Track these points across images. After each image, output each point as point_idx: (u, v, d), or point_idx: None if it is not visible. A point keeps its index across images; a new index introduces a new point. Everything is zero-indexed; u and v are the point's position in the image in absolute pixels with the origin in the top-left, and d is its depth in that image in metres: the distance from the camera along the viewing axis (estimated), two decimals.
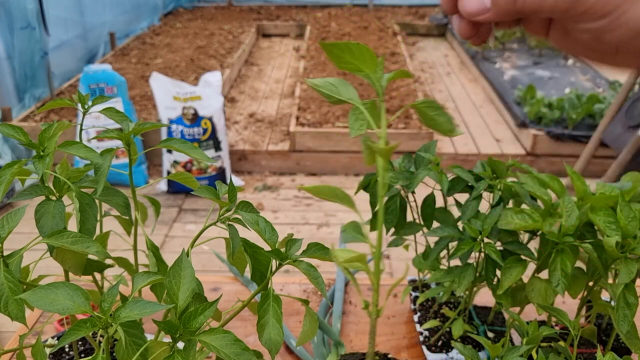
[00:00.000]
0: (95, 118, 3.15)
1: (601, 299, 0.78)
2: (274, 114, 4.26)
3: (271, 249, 0.61)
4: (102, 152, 0.63)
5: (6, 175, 0.59)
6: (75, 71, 4.53)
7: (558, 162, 3.63)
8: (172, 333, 0.52)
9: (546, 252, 0.71)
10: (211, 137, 3.25)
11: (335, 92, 0.35)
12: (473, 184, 0.78)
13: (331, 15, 6.84)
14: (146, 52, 5.33)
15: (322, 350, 0.91)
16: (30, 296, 0.50)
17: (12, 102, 3.75)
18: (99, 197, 0.63)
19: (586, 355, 0.84)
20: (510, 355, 0.68)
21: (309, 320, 0.63)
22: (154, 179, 3.47)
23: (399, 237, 0.85)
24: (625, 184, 0.75)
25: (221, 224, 0.65)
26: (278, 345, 0.57)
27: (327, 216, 3.14)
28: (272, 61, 5.68)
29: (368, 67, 0.34)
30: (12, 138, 0.63)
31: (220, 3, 7.44)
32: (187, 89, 3.20)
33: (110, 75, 3.25)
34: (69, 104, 0.70)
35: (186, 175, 0.71)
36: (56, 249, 0.60)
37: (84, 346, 0.85)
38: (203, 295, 0.62)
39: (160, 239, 2.91)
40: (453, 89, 4.95)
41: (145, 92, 4.24)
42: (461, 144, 3.83)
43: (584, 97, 3.92)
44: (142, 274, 0.57)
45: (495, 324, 0.90)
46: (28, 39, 3.69)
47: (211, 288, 1.08)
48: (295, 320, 1.00)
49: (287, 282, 1.11)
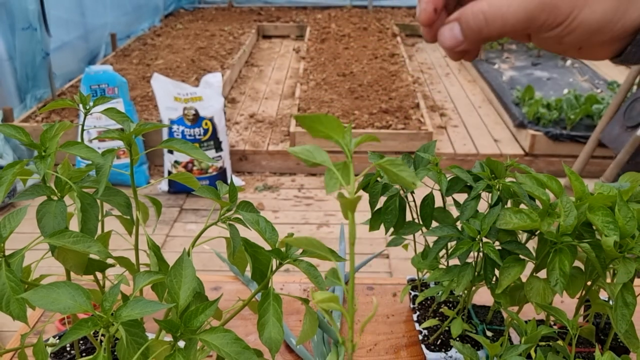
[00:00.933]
0: (97, 118, 3.16)
1: (599, 298, 0.78)
2: (274, 115, 4.26)
3: (271, 249, 0.61)
4: (104, 152, 0.64)
5: (8, 176, 0.59)
6: (77, 72, 4.53)
7: (556, 162, 3.64)
8: (173, 332, 0.53)
9: (544, 251, 0.71)
10: (212, 138, 3.26)
11: (311, 156, 0.41)
12: (472, 184, 0.78)
13: (331, 16, 6.84)
14: (147, 53, 5.33)
15: (322, 349, 0.91)
16: (32, 295, 0.51)
17: (14, 103, 3.75)
18: (101, 197, 0.63)
19: (584, 354, 0.84)
20: (508, 354, 0.69)
21: (309, 319, 0.64)
22: (155, 179, 3.48)
23: (398, 236, 0.86)
24: (623, 184, 0.75)
25: (222, 223, 0.65)
26: (278, 344, 0.57)
27: (327, 216, 3.14)
28: (272, 62, 5.68)
29: (337, 134, 0.40)
30: (14, 138, 0.63)
31: (221, 4, 7.45)
32: (188, 89, 3.21)
33: (111, 76, 3.26)
34: (70, 105, 0.70)
35: (187, 176, 0.72)
36: (58, 249, 0.60)
37: (85, 345, 0.86)
38: (204, 294, 0.63)
39: (161, 239, 2.91)
40: (452, 90, 4.96)
41: (147, 93, 4.25)
42: (460, 144, 3.83)
43: (582, 97, 3.92)
44: (143, 273, 0.58)
45: (494, 323, 0.91)
46: (29, 40, 3.70)
47: (212, 287, 1.08)
48: (296, 319, 1.00)
49: (288, 281, 1.12)
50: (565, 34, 0.42)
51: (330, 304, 0.40)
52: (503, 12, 0.42)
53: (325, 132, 0.40)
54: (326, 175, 0.41)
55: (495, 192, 0.76)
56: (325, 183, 0.41)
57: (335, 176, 0.39)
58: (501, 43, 5.54)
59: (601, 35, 0.43)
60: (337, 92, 4.40)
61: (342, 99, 4.27)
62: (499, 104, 4.34)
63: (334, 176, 0.40)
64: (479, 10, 0.44)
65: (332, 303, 0.40)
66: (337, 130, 0.40)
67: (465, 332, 0.87)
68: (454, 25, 0.46)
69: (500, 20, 0.43)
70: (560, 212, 0.68)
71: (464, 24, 0.45)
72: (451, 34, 0.46)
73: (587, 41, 0.43)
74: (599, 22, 0.42)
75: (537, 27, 0.42)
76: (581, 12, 0.41)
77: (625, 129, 2.97)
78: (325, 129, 0.39)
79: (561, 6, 0.41)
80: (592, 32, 0.42)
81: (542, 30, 0.43)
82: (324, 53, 5.44)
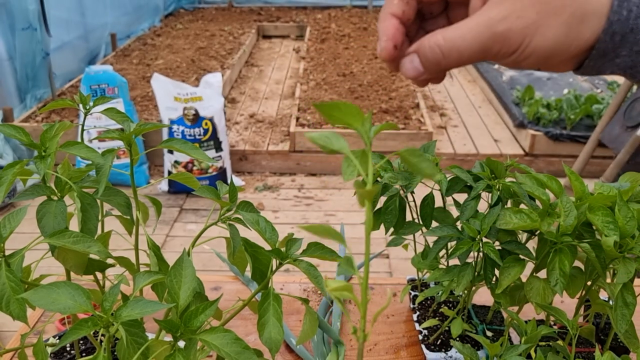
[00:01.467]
0: (97, 118, 3.16)
1: (599, 298, 0.78)
2: (274, 115, 4.26)
3: (271, 249, 0.61)
4: (104, 152, 0.64)
5: (8, 176, 0.59)
6: (77, 72, 4.54)
7: (556, 162, 3.64)
8: (173, 332, 0.53)
9: (544, 251, 0.71)
10: (212, 138, 3.26)
11: (329, 143, 0.40)
12: (472, 184, 0.78)
13: (331, 16, 6.84)
14: (147, 53, 5.33)
15: (322, 349, 0.91)
16: (32, 295, 0.51)
17: (14, 103, 3.75)
18: (101, 197, 0.63)
19: (584, 354, 0.84)
20: (508, 354, 0.69)
21: (309, 319, 0.64)
22: (155, 179, 3.48)
23: (398, 236, 0.86)
24: (623, 184, 0.75)
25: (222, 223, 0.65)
26: (278, 344, 0.57)
27: (327, 216, 3.14)
28: (272, 62, 5.68)
29: (356, 122, 0.39)
30: (14, 138, 0.63)
31: (221, 4, 7.45)
32: (188, 89, 3.21)
33: (111, 76, 3.26)
34: (70, 105, 0.70)
35: (187, 176, 0.72)
36: (58, 249, 0.60)
37: (85, 345, 0.86)
38: (204, 294, 0.63)
39: (161, 239, 2.91)
40: (452, 90, 4.96)
41: (147, 93, 4.25)
42: (460, 144, 3.83)
43: (582, 97, 3.92)
44: (143, 273, 0.58)
45: (493, 323, 0.91)
46: (29, 40, 3.70)
47: (212, 287, 1.08)
48: (296, 319, 1.00)
49: (288, 281, 1.12)
50: (521, 59, 0.44)
51: (344, 293, 0.39)
52: (458, 45, 0.44)
53: (344, 120, 0.39)
54: (344, 162, 0.40)
55: (495, 192, 0.76)
56: (342, 170, 0.40)
57: (353, 164, 0.39)
58: None
59: (557, 57, 0.44)
60: (337, 92, 4.40)
61: (342, 99, 4.27)
62: (499, 104, 4.34)
63: (351, 164, 0.39)
64: (435, 44, 0.45)
65: (346, 292, 0.39)
66: (356, 118, 0.39)
67: (465, 332, 0.87)
68: (414, 57, 0.47)
69: (456, 53, 0.44)
70: (560, 212, 0.68)
71: (422, 57, 0.46)
72: (412, 65, 0.47)
73: (544, 64, 0.45)
74: (552, 47, 0.43)
75: (493, 55, 0.44)
76: (532, 40, 0.43)
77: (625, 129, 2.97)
78: (344, 116, 0.38)
79: (512, 37, 0.43)
80: (547, 57, 0.44)
81: (498, 58, 0.44)
82: (324, 53, 5.44)
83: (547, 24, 0.42)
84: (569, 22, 0.43)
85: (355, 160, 0.39)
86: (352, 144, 0.42)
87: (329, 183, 3.52)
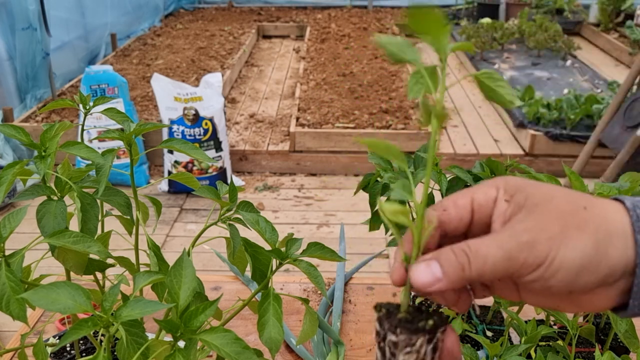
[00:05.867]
0: (97, 119, 3.16)
1: None
2: (274, 115, 4.26)
3: (271, 249, 0.61)
4: (104, 152, 0.64)
5: (8, 176, 0.59)
6: (77, 72, 4.54)
7: (556, 163, 3.64)
8: (173, 332, 0.53)
9: None
10: (212, 138, 3.26)
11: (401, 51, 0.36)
12: (472, 184, 0.78)
13: (331, 16, 6.84)
14: (147, 53, 5.33)
15: (322, 349, 0.91)
16: (32, 295, 0.51)
17: (14, 103, 3.75)
18: (101, 197, 0.63)
19: (584, 354, 0.84)
20: (508, 354, 0.69)
21: (309, 319, 0.64)
22: (155, 179, 3.48)
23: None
24: (623, 184, 0.75)
25: (222, 223, 0.65)
26: (278, 344, 0.58)
27: (327, 216, 3.14)
28: (272, 62, 5.68)
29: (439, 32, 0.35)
30: (14, 138, 0.63)
31: (221, 4, 7.45)
32: (188, 89, 3.21)
33: (111, 76, 3.26)
34: (70, 105, 0.70)
35: (187, 176, 0.72)
36: (58, 249, 0.60)
37: (85, 345, 0.86)
38: (204, 294, 0.63)
39: (161, 239, 2.91)
40: (452, 90, 4.96)
41: (147, 93, 4.25)
42: (460, 144, 3.83)
43: (582, 97, 3.92)
44: (143, 273, 0.58)
45: (494, 323, 0.91)
46: (29, 40, 3.70)
47: (212, 287, 1.09)
48: (296, 319, 1.00)
49: (288, 281, 1.12)
50: (549, 275, 0.41)
51: (400, 217, 0.37)
52: (482, 251, 0.42)
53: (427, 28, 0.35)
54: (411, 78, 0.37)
55: None
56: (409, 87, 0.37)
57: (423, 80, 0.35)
58: (501, 43, 5.54)
59: (588, 275, 0.42)
60: (337, 92, 4.40)
61: (342, 99, 4.27)
62: None
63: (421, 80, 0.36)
64: (460, 248, 0.43)
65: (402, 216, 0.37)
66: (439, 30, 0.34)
67: (465, 332, 0.87)
68: (432, 262, 0.43)
69: (481, 259, 0.42)
70: None
71: (444, 261, 0.42)
72: (428, 269, 0.43)
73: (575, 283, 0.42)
74: (580, 260, 0.41)
75: (518, 267, 0.42)
76: (559, 252, 0.41)
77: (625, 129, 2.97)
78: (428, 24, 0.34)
79: (537, 246, 0.41)
80: (577, 272, 0.41)
81: (524, 272, 0.42)
82: (324, 53, 5.44)
83: (572, 236, 0.41)
84: (595, 236, 0.41)
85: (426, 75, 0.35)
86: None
87: (329, 183, 3.52)
